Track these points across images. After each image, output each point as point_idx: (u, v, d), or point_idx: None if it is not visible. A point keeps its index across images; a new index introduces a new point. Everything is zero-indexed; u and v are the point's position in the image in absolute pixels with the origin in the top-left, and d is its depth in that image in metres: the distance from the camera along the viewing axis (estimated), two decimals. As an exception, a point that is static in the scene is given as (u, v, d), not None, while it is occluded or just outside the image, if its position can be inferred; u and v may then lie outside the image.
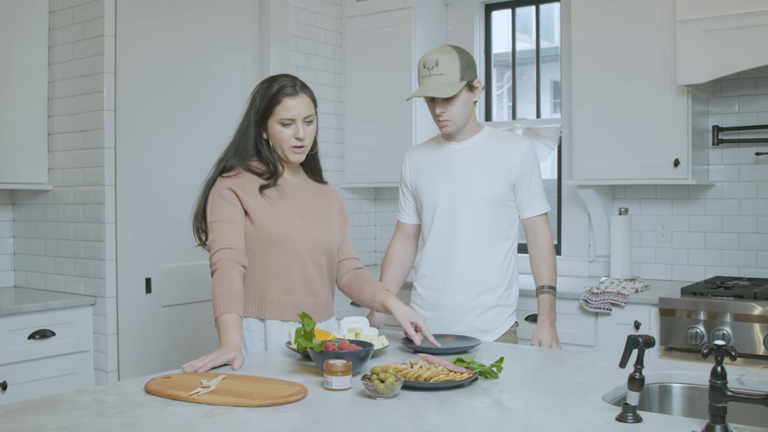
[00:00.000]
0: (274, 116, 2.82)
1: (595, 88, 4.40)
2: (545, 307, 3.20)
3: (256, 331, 2.85)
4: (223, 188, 2.80)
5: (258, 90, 2.89)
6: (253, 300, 2.83)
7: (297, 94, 2.84)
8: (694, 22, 3.96)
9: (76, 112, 4.20)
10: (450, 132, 3.21)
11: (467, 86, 3.13)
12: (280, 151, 2.87)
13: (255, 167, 2.87)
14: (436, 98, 3.13)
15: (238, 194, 2.79)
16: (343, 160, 5.49)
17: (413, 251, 3.46)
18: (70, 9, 4.23)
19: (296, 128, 2.82)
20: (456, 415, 1.92)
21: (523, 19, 5.41)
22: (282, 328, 2.83)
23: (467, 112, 3.17)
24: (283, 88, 2.84)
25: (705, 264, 4.51)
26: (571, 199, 4.86)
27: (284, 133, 2.82)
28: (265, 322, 2.83)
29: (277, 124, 2.82)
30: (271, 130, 2.85)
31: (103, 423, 1.85)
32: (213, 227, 2.76)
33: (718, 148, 4.45)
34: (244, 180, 2.83)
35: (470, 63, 3.15)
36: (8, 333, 3.76)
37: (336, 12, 5.44)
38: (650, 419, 1.84)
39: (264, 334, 2.84)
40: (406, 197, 3.41)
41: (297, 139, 2.83)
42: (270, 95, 2.83)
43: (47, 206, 4.38)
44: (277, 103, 2.81)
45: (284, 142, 2.83)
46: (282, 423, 1.86)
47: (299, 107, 2.83)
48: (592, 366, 2.46)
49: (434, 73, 3.10)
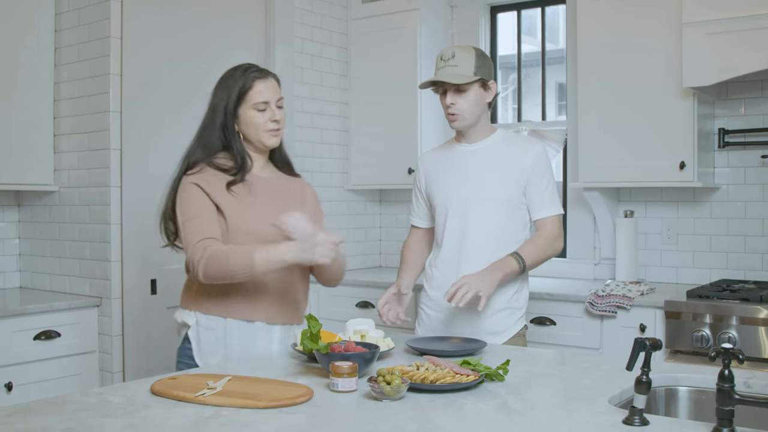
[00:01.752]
0: (247, 102, 2.78)
1: (600, 90, 4.39)
2: (498, 263, 3.06)
3: (215, 330, 2.75)
4: (188, 184, 2.73)
5: (222, 81, 2.84)
6: (217, 297, 2.74)
7: (266, 77, 2.83)
8: (700, 25, 3.95)
9: (82, 114, 4.20)
10: (458, 127, 3.21)
11: (481, 84, 3.13)
12: (255, 138, 2.81)
13: (221, 163, 2.80)
14: (447, 90, 3.14)
15: (204, 189, 2.72)
16: (348, 162, 5.48)
17: (427, 252, 3.45)
18: (76, 11, 4.23)
19: (271, 111, 2.80)
20: (462, 418, 1.92)
21: (527, 21, 5.40)
22: (246, 329, 2.76)
23: (478, 110, 3.17)
24: (251, 73, 2.81)
25: (711, 267, 4.50)
26: (576, 202, 4.85)
27: (260, 118, 2.78)
28: (226, 320, 2.75)
29: (251, 110, 2.78)
30: (244, 118, 2.79)
31: (109, 424, 1.85)
32: (185, 227, 2.69)
33: (724, 151, 4.44)
34: (209, 175, 2.76)
35: (487, 63, 3.16)
36: (14, 334, 3.77)
37: (341, 14, 5.44)
38: (657, 422, 1.83)
39: (224, 334, 2.75)
40: (419, 201, 3.41)
41: (274, 122, 2.80)
42: (240, 82, 2.79)
43: (53, 207, 4.39)
44: (249, 88, 2.78)
45: (260, 127, 2.79)
46: (288, 425, 1.85)
47: (270, 90, 2.82)
48: (597, 369, 2.46)
49: (449, 65, 3.12)
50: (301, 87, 5.14)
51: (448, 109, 3.16)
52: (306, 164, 5.16)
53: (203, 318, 2.76)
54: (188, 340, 2.77)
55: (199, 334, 2.76)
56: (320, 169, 5.28)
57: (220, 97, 2.82)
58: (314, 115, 5.24)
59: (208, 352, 2.75)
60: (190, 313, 2.78)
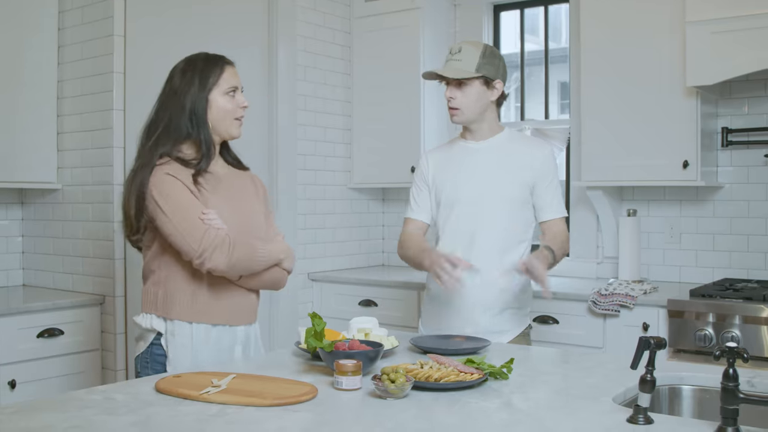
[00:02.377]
0: (219, 87, 2.71)
1: (604, 89, 4.39)
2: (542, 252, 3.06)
3: (180, 336, 2.65)
4: (165, 175, 2.60)
5: (185, 69, 2.76)
6: (184, 303, 2.66)
7: (231, 64, 2.80)
8: (704, 24, 3.95)
9: (86, 112, 4.21)
10: (457, 122, 3.21)
11: (484, 81, 3.13)
12: (222, 127, 2.73)
13: (184, 155, 2.69)
14: (449, 83, 3.15)
15: (182, 181, 2.62)
16: (351, 160, 5.49)
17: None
18: (80, 9, 4.24)
19: (240, 98, 2.76)
20: (466, 416, 1.92)
21: (529, 20, 5.40)
22: (210, 333, 2.68)
23: (478, 107, 3.16)
24: (219, 58, 2.78)
25: (714, 266, 4.50)
26: (579, 201, 4.85)
27: (230, 104, 2.73)
28: (192, 325, 2.66)
29: (222, 96, 2.71)
30: (214, 106, 2.70)
31: (113, 422, 1.86)
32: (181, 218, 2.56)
33: (727, 150, 4.44)
34: (177, 167, 2.64)
35: (494, 62, 3.14)
36: (17, 331, 3.77)
37: (344, 12, 5.44)
38: (661, 421, 1.83)
39: (191, 339, 2.66)
40: (422, 193, 3.33)
41: (242, 108, 2.75)
42: (210, 68, 2.73)
43: (56, 205, 4.39)
44: (222, 71, 2.74)
45: (229, 114, 2.72)
46: (292, 423, 1.86)
47: (236, 75, 2.79)
48: (601, 367, 2.46)
49: (454, 59, 3.14)
50: (304, 85, 5.15)
51: (448, 103, 3.18)
52: (309, 163, 5.17)
53: (171, 324, 2.66)
54: (159, 346, 2.67)
55: (168, 342, 2.65)
56: (323, 167, 5.29)
57: (185, 84, 2.71)
58: (317, 114, 5.24)
59: (179, 359, 2.64)
60: (159, 320, 2.68)
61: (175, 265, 2.66)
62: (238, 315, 2.74)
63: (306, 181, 5.15)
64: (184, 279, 2.66)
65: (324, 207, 5.30)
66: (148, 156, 2.66)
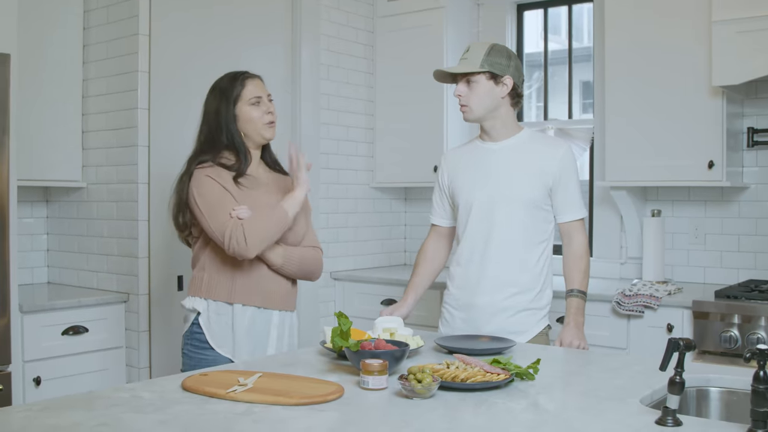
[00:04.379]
0: (242, 99, 3.04)
1: (628, 89, 4.36)
2: (572, 309, 3.16)
3: (224, 315, 2.98)
4: (203, 177, 2.96)
5: (214, 90, 3.12)
6: (222, 284, 2.98)
7: (253, 77, 3.12)
8: (730, 23, 3.92)
9: (110, 110, 4.23)
10: (468, 119, 3.22)
11: (490, 77, 3.12)
12: (255, 133, 3.06)
13: (225, 161, 3.02)
14: (457, 81, 3.19)
15: (218, 181, 2.95)
16: (373, 159, 5.49)
17: (447, 251, 3.45)
18: (105, 8, 4.26)
19: (266, 105, 3.08)
20: (493, 417, 1.91)
21: (551, 20, 5.37)
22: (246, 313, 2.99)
23: (488, 104, 3.15)
24: (240, 74, 3.10)
25: (738, 267, 4.46)
26: (603, 201, 4.83)
27: (256, 112, 3.04)
28: (233, 306, 2.98)
29: (247, 106, 3.04)
30: (242, 116, 3.04)
31: (141, 420, 1.86)
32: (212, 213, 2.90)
33: (753, 150, 4.40)
34: (218, 170, 2.98)
35: (501, 59, 3.13)
36: (42, 329, 3.80)
37: (368, 12, 5.44)
38: (690, 423, 1.82)
39: (231, 318, 2.97)
40: (441, 199, 3.39)
41: (269, 114, 3.07)
42: (233, 84, 3.07)
43: (81, 203, 4.42)
44: (242, 87, 3.06)
45: (258, 120, 3.05)
46: (320, 422, 1.86)
47: (260, 86, 3.11)
48: (627, 369, 2.44)
49: (463, 58, 3.18)
50: (327, 84, 5.15)
51: (459, 101, 3.19)
52: (331, 162, 5.17)
53: (213, 304, 2.99)
54: (198, 325, 3.00)
55: (210, 320, 2.99)
56: (346, 166, 5.29)
57: (215, 103, 3.07)
58: (340, 113, 5.25)
59: (218, 336, 2.98)
60: (200, 300, 3.01)
61: (217, 255, 2.98)
62: (272, 299, 3.04)
63: (328, 180, 5.16)
64: (224, 265, 2.98)
65: (346, 206, 5.31)
66: (189, 165, 3.04)
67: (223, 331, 2.97)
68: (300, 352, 2.78)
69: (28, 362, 3.73)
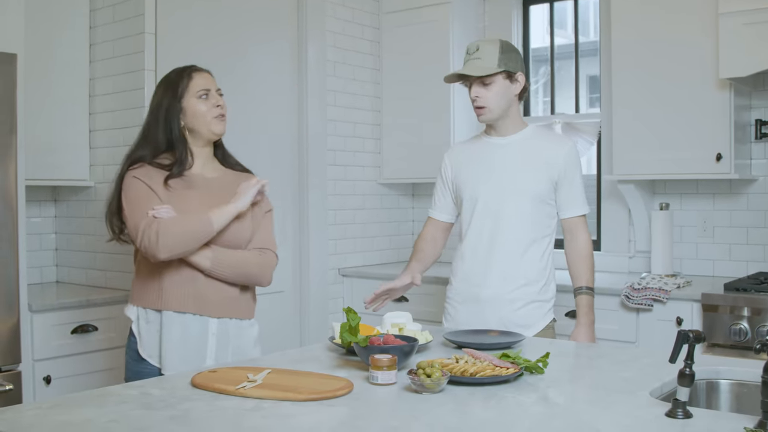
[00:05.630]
0: (189, 92, 2.91)
1: (635, 82, 4.35)
2: (583, 308, 3.18)
3: (153, 323, 2.85)
4: (131, 179, 2.83)
5: (161, 83, 2.99)
6: (152, 290, 2.85)
7: (202, 70, 3.00)
8: (737, 15, 3.91)
9: (117, 109, 4.23)
10: (485, 120, 3.22)
11: (506, 76, 3.13)
12: (203, 127, 2.92)
13: (161, 162, 2.90)
14: (472, 83, 3.16)
15: (146, 182, 2.82)
16: (380, 155, 5.49)
17: (442, 243, 3.48)
18: (111, 7, 4.26)
19: (214, 98, 2.94)
20: (503, 410, 1.91)
21: (557, 14, 5.36)
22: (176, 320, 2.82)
23: (504, 103, 3.16)
24: (188, 68, 2.98)
25: (747, 260, 4.45)
26: (610, 194, 4.82)
27: (204, 105, 2.91)
28: (161, 313, 2.83)
29: (194, 99, 2.91)
30: (189, 110, 2.91)
31: (151, 416, 1.87)
32: (131, 215, 2.78)
33: (761, 142, 4.39)
34: (150, 171, 2.86)
35: (513, 55, 3.15)
36: (52, 328, 3.80)
37: (373, 8, 5.44)
38: (700, 415, 1.82)
39: (160, 326, 2.84)
40: (443, 194, 3.41)
41: (217, 107, 2.93)
42: (179, 77, 2.94)
43: (89, 202, 4.42)
44: (189, 79, 2.93)
45: (207, 114, 2.91)
46: (329, 417, 1.86)
47: (209, 80, 2.98)
48: (636, 362, 2.44)
49: (473, 57, 3.15)
50: (334, 81, 5.15)
51: (474, 102, 3.18)
52: (339, 158, 5.17)
53: (143, 312, 2.88)
54: (133, 334, 2.91)
55: (141, 328, 2.88)
56: (353, 162, 5.29)
57: (161, 96, 2.95)
58: (347, 109, 5.25)
59: (147, 345, 2.86)
60: (132, 308, 2.93)
61: (147, 260, 2.81)
62: (207, 306, 2.84)
63: (336, 176, 5.16)
64: (153, 271, 2.83)
65: (354, 202, 5.31)
66: (122, 167, 2.92)
67: (153, 340, 2.85)
68: (309, 348, 2.78)
69: (38, 361, 3.74)
